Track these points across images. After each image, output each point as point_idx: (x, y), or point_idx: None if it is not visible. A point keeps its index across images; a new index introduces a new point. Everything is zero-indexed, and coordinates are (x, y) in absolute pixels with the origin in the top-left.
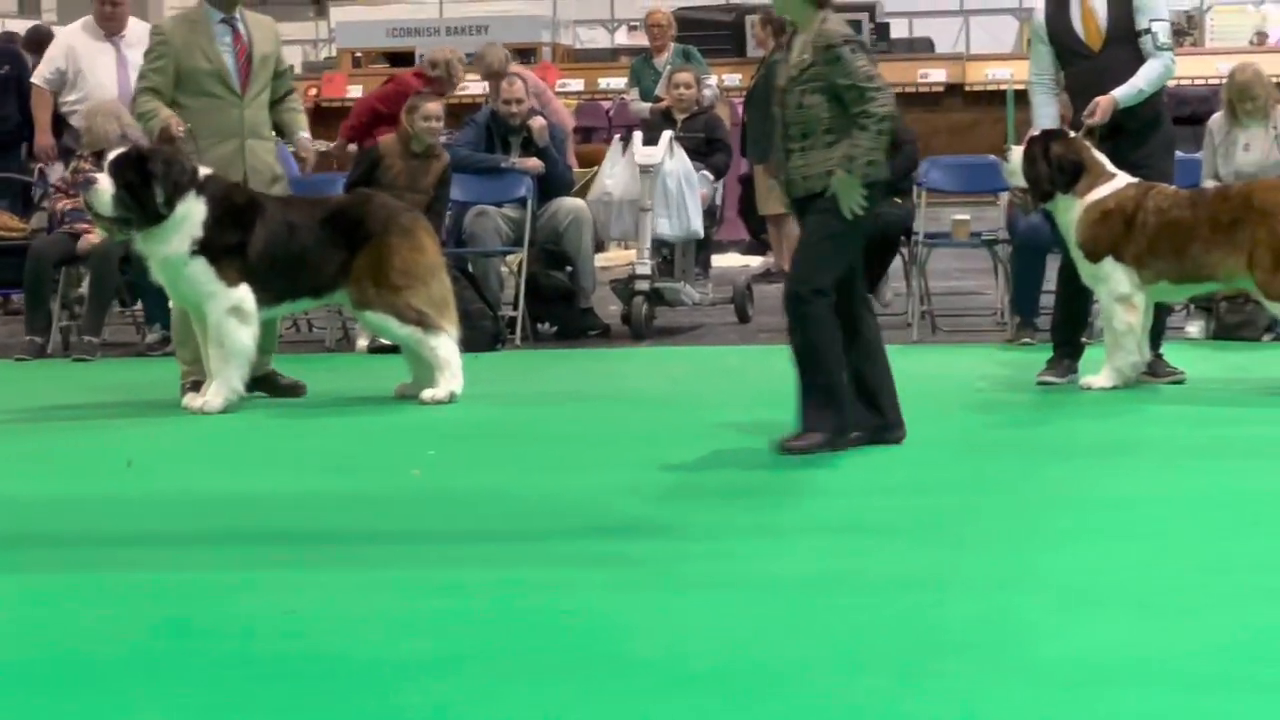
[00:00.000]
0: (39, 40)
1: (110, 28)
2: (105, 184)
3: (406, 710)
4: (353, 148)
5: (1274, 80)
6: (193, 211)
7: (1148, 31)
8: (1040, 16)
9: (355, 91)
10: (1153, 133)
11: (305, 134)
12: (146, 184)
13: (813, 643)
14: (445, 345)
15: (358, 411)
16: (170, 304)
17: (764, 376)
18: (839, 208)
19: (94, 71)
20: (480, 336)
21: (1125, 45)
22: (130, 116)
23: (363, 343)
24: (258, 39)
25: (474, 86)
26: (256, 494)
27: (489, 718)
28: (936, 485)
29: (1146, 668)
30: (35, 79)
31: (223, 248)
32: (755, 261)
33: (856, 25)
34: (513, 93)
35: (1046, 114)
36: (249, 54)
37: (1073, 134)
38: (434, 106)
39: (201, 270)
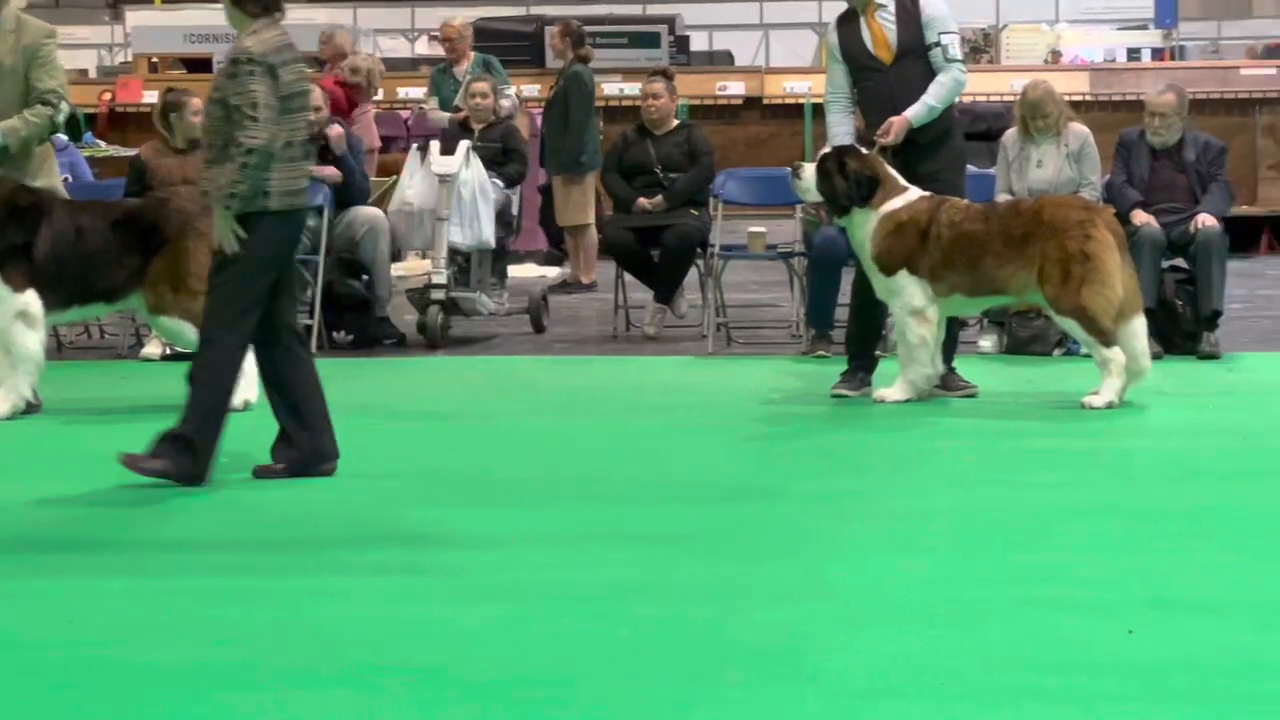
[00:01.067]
0: None
1: None
2: None
3: (193, 718)
4: None
5: (1066, 99)
6: None
7: (938, 45)
8: (834, 36)
9: (150, 97)
10: (943, 147)
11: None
12: None
13: (601, 653)
14: None
15: (150, 419)
16: None
17: (557, 387)
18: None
19: None
20: None
21: (916, 59)
22: None
23: (154, 349)
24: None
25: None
26: (41, 501)
27: None
28: (728, 496)
29: (930, 678)
30: None
31: (6, 250)
32: (553, 272)
33: (656, 38)
34: (314, 98)
35: (842, 130)
36: None
37: (864, 150)
38: (198, 102)
39: None
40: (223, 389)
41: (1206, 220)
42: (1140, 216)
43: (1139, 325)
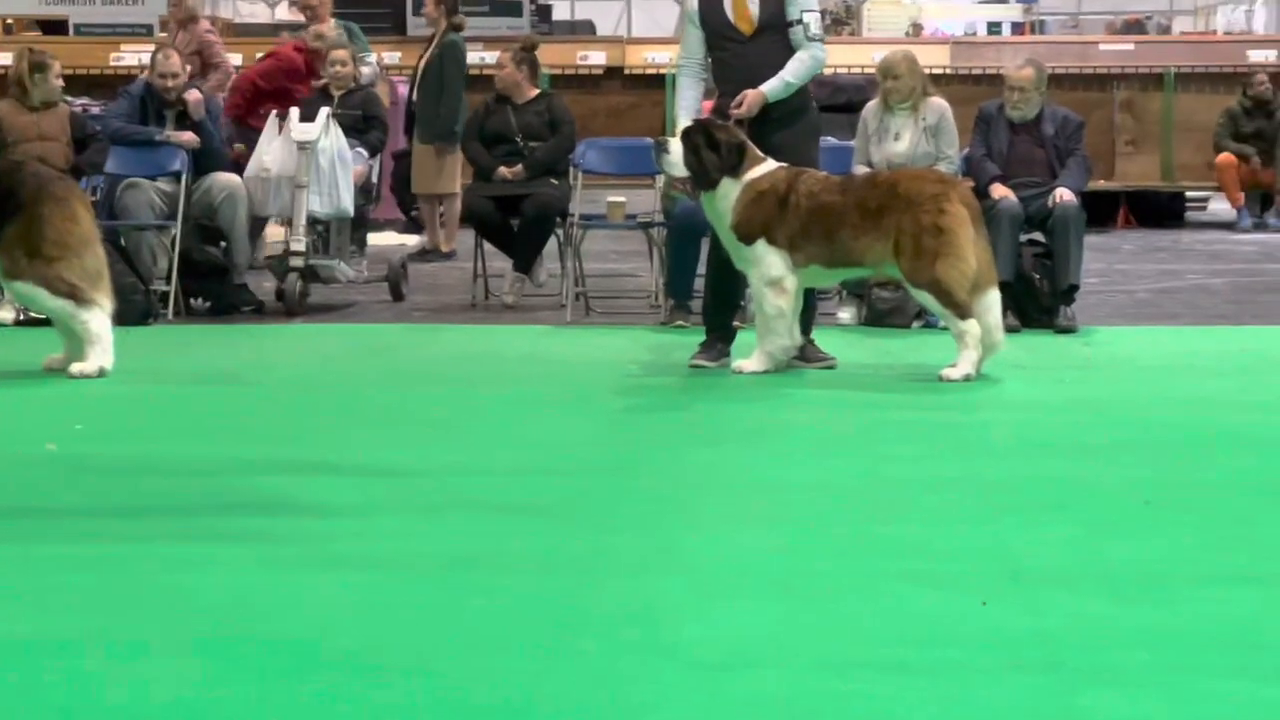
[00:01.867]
0: None
1: None
2: None
3: (46, 687)
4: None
5: (927, 71)
6: None
7: (799, 22)
8: (694, 2)
9: (5, 59)
10: (798, 119)
11: None
12: None
13: (455, 623)
14: (97, 319)
15: (3, 385)
16: None
17: (415, 355)
18: None
19: None
20: (132, 310)
21: (776, 33)
22: None
23: (8, 315)
24: None
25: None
26: None
27: (129, 694)
28: (583, 467)
29: (786, 650)
30: None
31: None
32: (412, 240)
33: (518, 7)
34: (169, 66)
35: (690, 96)
36: None
37: (725, 122)
38: (37, 58)
39: None
40: None
41: (1064, 195)
42: (999, 190)
43: (993, 299)
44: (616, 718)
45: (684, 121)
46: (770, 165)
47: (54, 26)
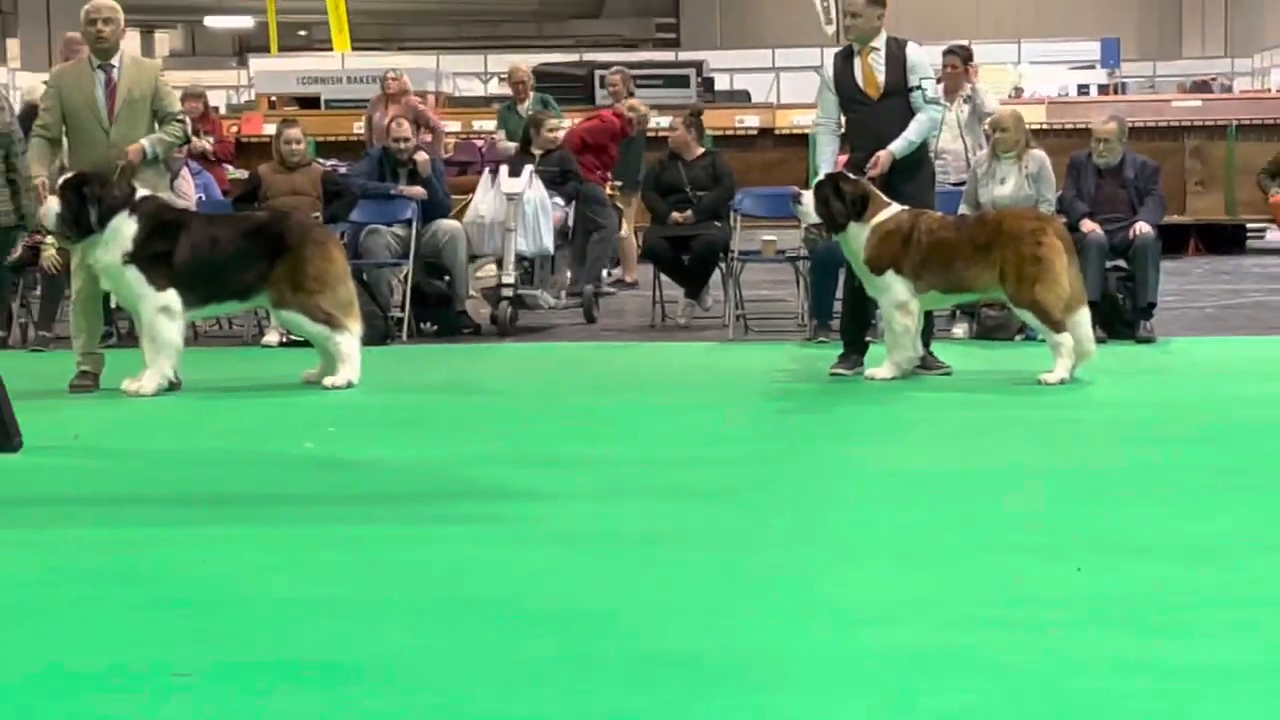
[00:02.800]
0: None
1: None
2: (53, 203)
3: (301, 641)
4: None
5: (1028, 126)
6: (124, 227)
7: (918, 88)
8: (830, 70)
9: (270, 129)
10: (920, 171)
11: (145, 142)
12: (83, 204)
13: (636, 589)
14: (348, 341)
15: (270, 395)
16: (71, 303)
17: (605, 368)
18: None
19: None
20: (373, 333)
21: (898, 97)
22: None
23: (274, 338)
24: (128, 82)
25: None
26: (179, 463)
27: (369, 648)
28: (741, 457)
29: (912, 609)
30: None
31: (151, 257)
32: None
33: (687, 79)
34: (401, 133)
35: (827, 151)
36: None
37: (852, 175)
38: (294, 132)
39: (134, 276)
40: None
41: (1143, 228)
42: (1088, 225)
43: (1084, 315)
44: (771, 665)
45: (824, 171)
46: (895, 209)
47: (308, 102)
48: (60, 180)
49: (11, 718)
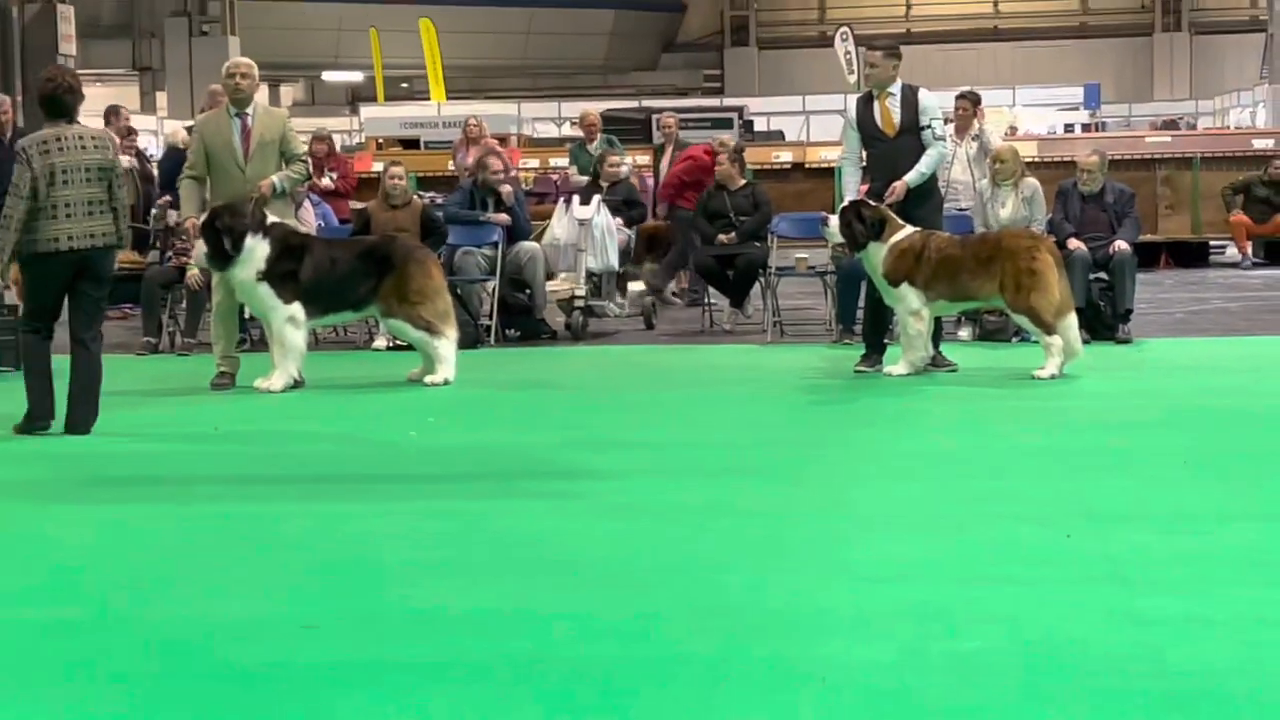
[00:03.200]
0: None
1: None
2: (200, 245)
3: (417, 597)
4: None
5: (1025, 159)
6: (257, 249)
7: (928, 127)
8: (852, 112)
9: (378, 166)
10: (930, 198)
11: (274, 178)
12: (219, 237)
13: (694, 551)
14: (445, 345)
15: (379, 391)
16: (211, 314)
17: (662, 367)
18: None
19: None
20: (466, 338)
21: (911, 135)
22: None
23: (382, 343)
24: (260, 128)
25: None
26: (303, 448)
27: (472, 602)
28: (778, 441)
29: (925, 568)
30: None
31: (279, 275)
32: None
33: (730, 122)
34: (495, 165)
35: (851, 182)
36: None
37: (873, 202)
38: (398, 169)
39: (265, 291)
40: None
41: (1121, 245)
42: (1074, 243)
43: (1072, 320)
44: (806, 617)
45: (848, 199)
46: (908, 230)
47: (410, 143)
48: (200, 221)
49: (162, 663)
